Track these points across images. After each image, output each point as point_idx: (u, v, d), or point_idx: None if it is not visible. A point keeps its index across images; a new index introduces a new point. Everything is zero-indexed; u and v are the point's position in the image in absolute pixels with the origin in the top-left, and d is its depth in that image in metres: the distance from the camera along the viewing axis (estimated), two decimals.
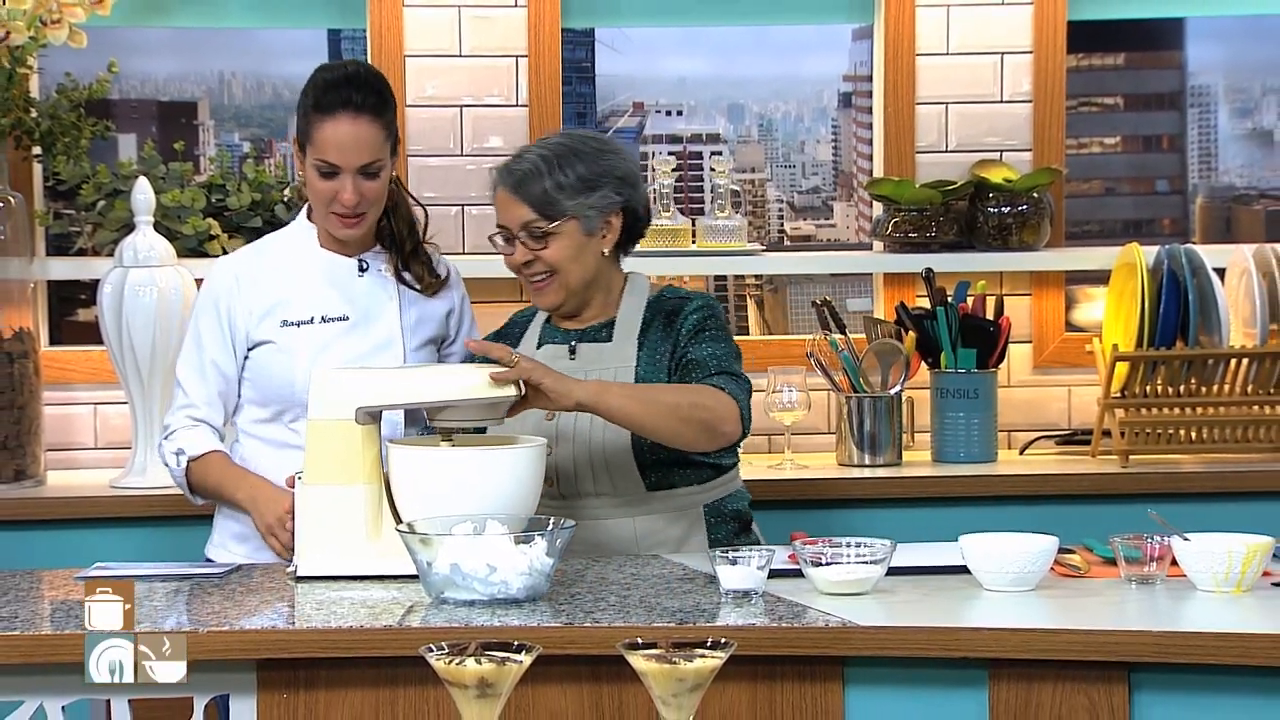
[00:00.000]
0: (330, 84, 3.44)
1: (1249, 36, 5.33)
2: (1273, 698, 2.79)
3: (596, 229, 3.43)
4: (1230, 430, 4.31)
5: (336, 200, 3.42)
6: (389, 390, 3.21)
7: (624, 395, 3.28)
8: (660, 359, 3.45)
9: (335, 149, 3.40)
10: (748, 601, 2.97)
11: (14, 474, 4.21)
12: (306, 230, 3.58)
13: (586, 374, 3.41)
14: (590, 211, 3.41)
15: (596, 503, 3.43)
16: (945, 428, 4.37)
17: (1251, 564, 3.01)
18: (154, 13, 4.49)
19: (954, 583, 3.10)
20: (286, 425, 3.50)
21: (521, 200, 3.40)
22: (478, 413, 3.21)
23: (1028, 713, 2.83)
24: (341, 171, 3.40)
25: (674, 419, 3.29)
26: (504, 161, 3.47)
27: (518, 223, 3.41)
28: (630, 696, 2.80)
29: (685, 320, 3.46)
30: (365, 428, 3.17)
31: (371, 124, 3.42)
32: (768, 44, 5.05)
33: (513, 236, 3.43)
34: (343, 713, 2.85)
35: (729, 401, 3.35)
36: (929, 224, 4.55)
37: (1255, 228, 5.31)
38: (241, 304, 3.50)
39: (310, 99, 3.43)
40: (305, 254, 3.55)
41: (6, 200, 4.23)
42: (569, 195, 3.39)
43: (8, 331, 4.25)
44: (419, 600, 2.99)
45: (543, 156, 3.41)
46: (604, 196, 3.42)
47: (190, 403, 3.51)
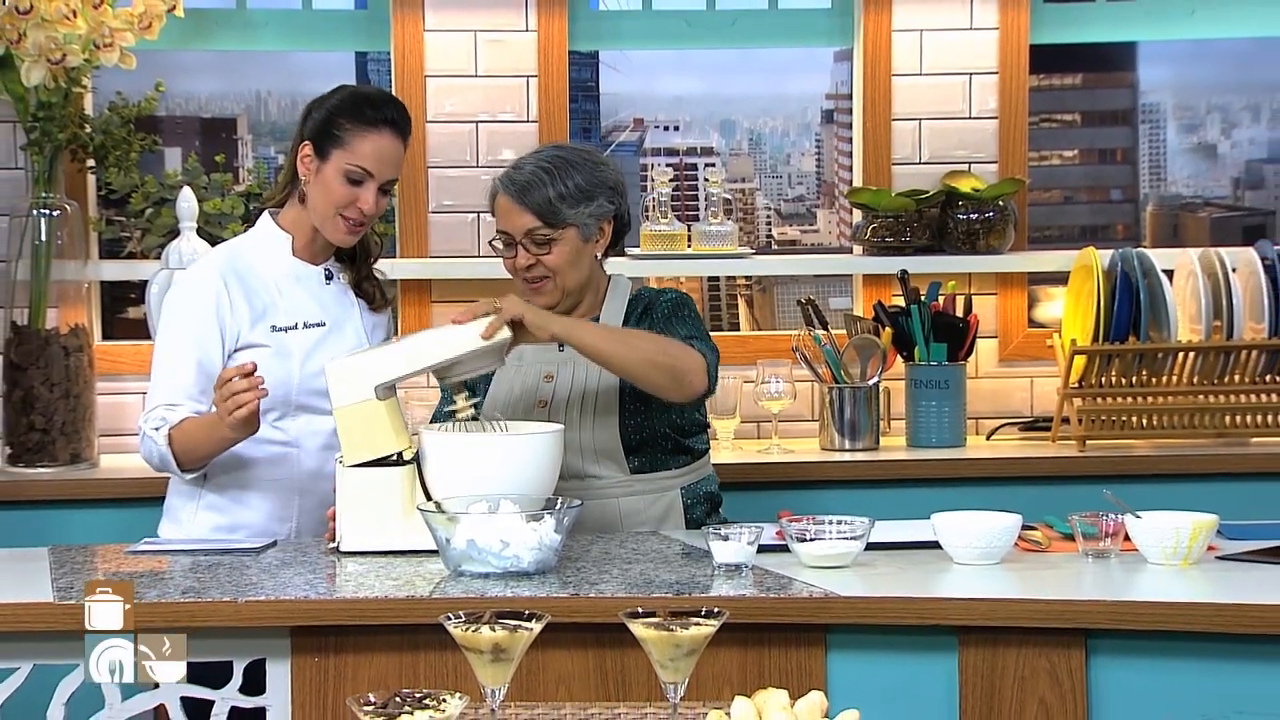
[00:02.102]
0: (375, 100, 3.38)
1: (1195, 59, 5.33)
2: (1216, 660, 2.79)
3: (592, 235, 3.42)
4: (1178, 417, 4.31)
5: (354, 206, 3.34)
6: (399, 362, 3.19)
7: (597, 333, 3.28)
8: None
9: (375, 160, 3.33)
10: (738, 574, 2.97)
11: (70, 457, 4.21)
12: (279, 238, 3.42)
13: (574, 366, 3.41)
14: (588, 219, 3.40)
15: (584, 484, 3.42)
16: (919, 415, 4.36)
17: (1197, 539, 3.01)
18: (197, 37, 4.48)
19: (927, 557, 3.10)
20: (272, 424, 3.34)
21: (525, 208, 3.38)
22: (479, 362, 3.21)
23: (994, 675, 2.83)
24: (370, 181, 3.34)
25: (644, 361, 3.26)
26: (504, 172, 3.44)
27: (521, 229, 3.39)
28: (631, 661, 2.79)
29: (659, 309, 3.46)
30: (386, 401, 3.16)
31: (402, 146, 3.38)
32: (756, 65, 5.04)
33: (514, 242, 3.42)
34: (369, 675, 2.84)
35: (698, 356, 3.32)
36: (904, 229, 4.54)
37: (1200, 233, 5.31)
38: (230, 306, 3.34)
39: (350, 111, 3.34)
40: (280, 261, 3.41)
41: (64, 208, 4.23)
42: (569, 204, 3.38)
43: (65, 327, 4.25)
44: (439, 573, 2.99)
45: (543, 168, 3.39)
46: (599, 205, 3.41)
47: (172, 401, 3.28)
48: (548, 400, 3.43)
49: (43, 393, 4.18)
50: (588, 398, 3.42)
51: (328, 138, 3.34)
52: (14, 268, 4.21)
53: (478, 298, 4.45)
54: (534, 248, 3.39)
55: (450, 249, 4.53)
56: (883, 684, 2.85)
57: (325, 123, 3.35)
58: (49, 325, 4.23)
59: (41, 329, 4.21)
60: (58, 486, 4.10)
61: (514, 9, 4.51)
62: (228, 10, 4.51)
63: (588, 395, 3.42)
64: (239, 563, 3.13)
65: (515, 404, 3.41)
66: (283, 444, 3.37)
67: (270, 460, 3.37)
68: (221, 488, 3.38)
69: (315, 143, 3.36)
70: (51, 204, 4.20)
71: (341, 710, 2.82)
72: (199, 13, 4.41)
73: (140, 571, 3.09)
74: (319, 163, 3.35)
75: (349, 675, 2.85)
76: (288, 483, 3.39)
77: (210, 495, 3.39)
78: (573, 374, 3.44)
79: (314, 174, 3.36)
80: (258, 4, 4.54)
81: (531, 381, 3.47)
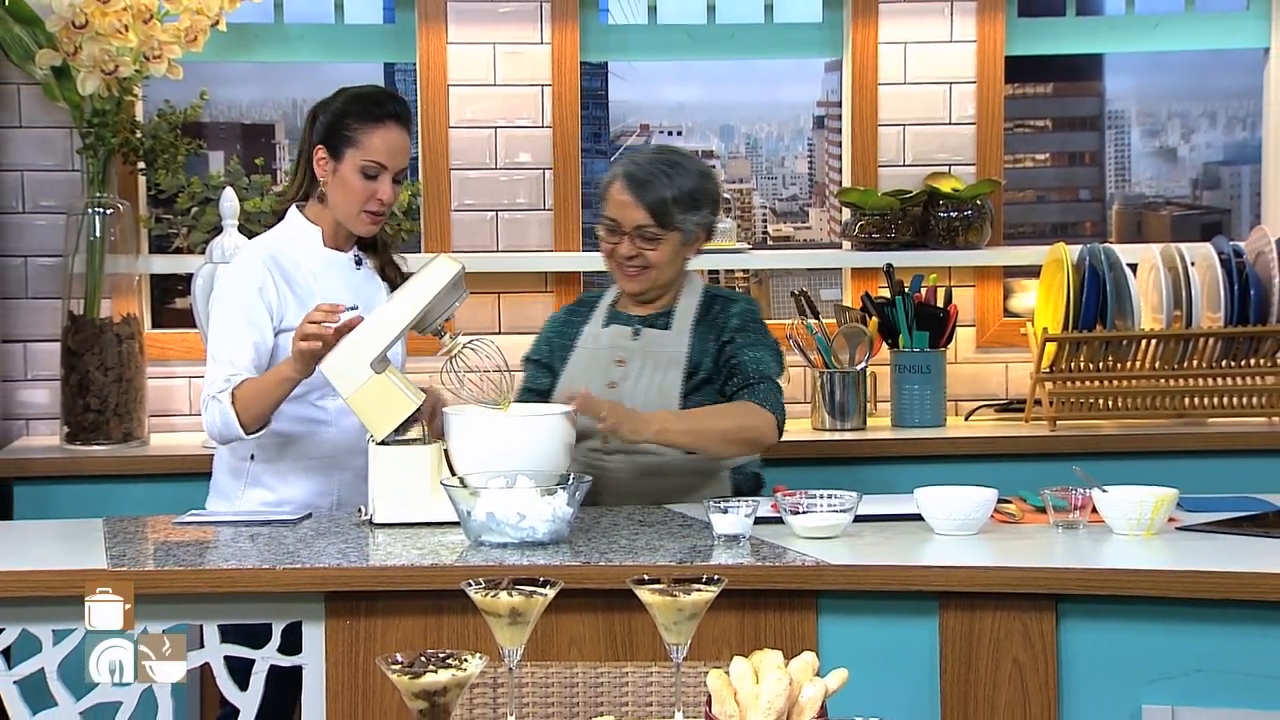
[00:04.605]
0: (375, 98, 3.36)
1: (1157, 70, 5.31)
2: (1176, 623, 2.79)
3: (691, 240, 3.43)
4: (1141, 400, 4.30)
5: (373, 199, 3.32)
6: (379, 334, 3.13)
7: (683, 431, 3.28)
8: (707, 346, 3.44)
9: (386, 152, 3.31)
10: (736, 544, 2.97)
11: (123, 436, 4.20)
12: (310, 230, 3.40)
13: (643, 356, 3.41)
14: (693, 226, 3.41)
15: (645, 459, 3.40)
16: (902, 398, 4.35)
17: (1159, 512, 3.00)
18: (238, 49, 4.47)
19: (910, 528, 3.10)
20: (314, 403, 3.35)
21: (641, 205, 3.37)
22: (445, 302, 3.18)
23: (971, 636, 2.83)
24: (384, 173, 3.32)
25: (724, 443, 3.33)
26: (623, 164, 3.43)
27: (632, 223, 3.38)
28: (638, 624, 2.79)
29: (730, 318, 3.46)
30: (384, 373, 3.14)
31: (407, 136, 3.37)
32: (753, 75, 5.03)
33: (619, 230, 3.40)
34: (397, 637, 2.84)
35: (769, 418, 3.34)
36: (889, 227, 4.53)
37: (1162, 230, 5.29)
38: (276, 291, 3.32)
39: (356, 110, 3.32)
40: (314, 251, 3.39)
41: (116, 207, 4.22)
42: (680, 209, 3.38)
43: (117, 317, 4.25)
44: (461, 543, 2.99)
45: (663, 170, 3.38)
46: (704, 215, 3.43)
47: (233, 374, 3.24)
48: (617, 382, 3.43)
49: (97, 377, 4.18)
50: (653, 382, 3.42)
51: (339, 138, 3.32)
52: (71, 262, 4.21)
53: (497, 291, 4.48)
54: (640, 241, 3.39)
55: (471, 245, 4.52)
56: (870, 645, 2.85)
57: (334, 125, 3.33)
58: (103, 315, 4.23)
59: (96, 318, 4.21)
60: (111, 463, 4.10)
61: (530, 23, 4.50)
62: (266, 25, 4.50)
63: (653, 380, 3.43)
64: (277, 533, 3.13)
65: (589, 383, 3.39)
66: (322, 422, 3.36)
67: (311, 438, 3.37)
68: (268, 464, 3.37)
69: (328, 145, 3.34)
70: (105, 203, 4.20)
71: (371, 669, 2.82)
72: (240, 27, 4.40)
73: (187, 541, 3.10)
74: (334, 163, 3.33)
75: (378, 636, 2.85)
76: (328, 459, 3.38)
77: (257, 473, 3.38)
78: (641, 361, 3.45)
79: (331, 174, 3.34)
80: (294, 19, 4.53)
81: (604, 363, 3.47)
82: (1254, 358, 4.27)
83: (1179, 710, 2.78)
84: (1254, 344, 4.26)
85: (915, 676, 2.85)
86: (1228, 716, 2.76)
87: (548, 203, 4.53)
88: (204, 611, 2.88)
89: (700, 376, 3.43)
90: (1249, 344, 4.26)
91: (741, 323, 3.46)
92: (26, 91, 4.35)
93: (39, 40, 4.13)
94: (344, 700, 2.85)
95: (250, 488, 3.38)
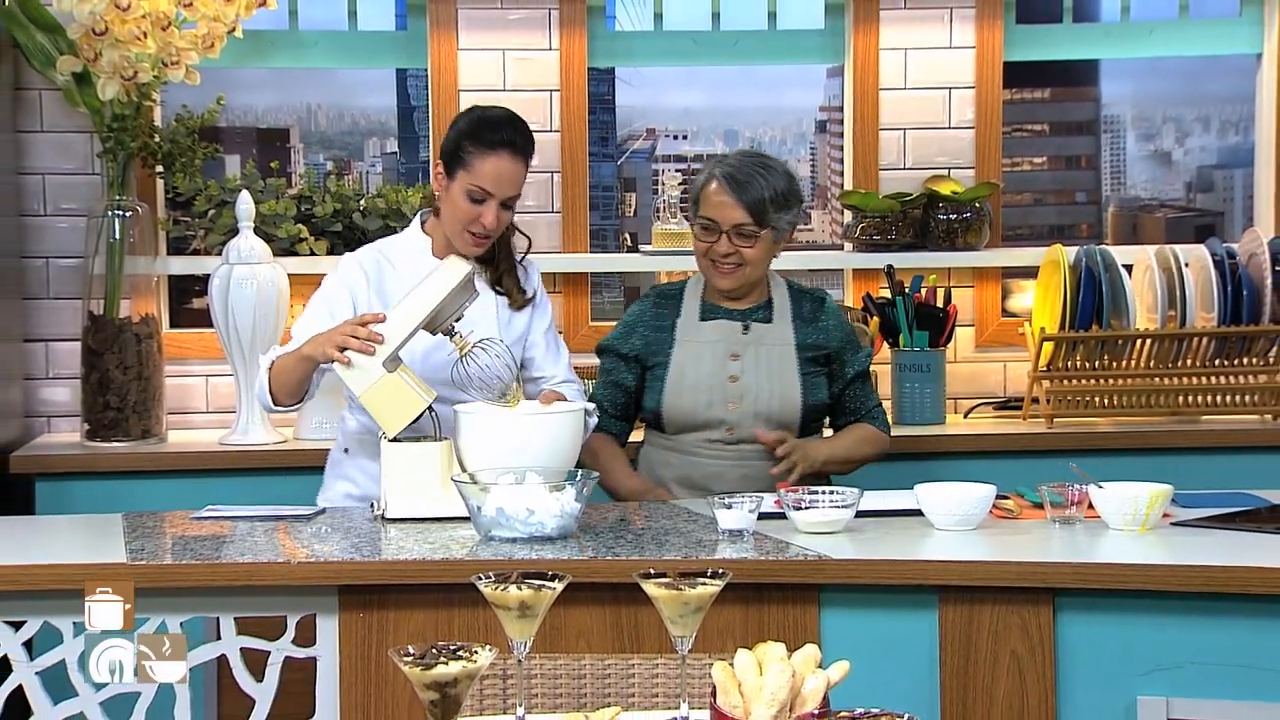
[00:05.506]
0: (495, 123, 3.32)
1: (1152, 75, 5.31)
2: (1170, 616, 2.79)
3: (781, 238, 3.50)
4: (1136, 398, 4.29)
5: (477, 222, 3.29)
6: (391, 334, 3.12)
7: (841, 458, 3.54)
8: (808, 340, 3.54)
9: (493, 180, 3.27)
10: (740, 539, 2.96)
11: (141, 433, 4.20)
12: (423, 240, 3.41)
13: (757, 348, 3.50)
14: (784, 225, 3.49)
15: (753, 450, 3.46)
16: (903, 396, 4.35)
17: (1154, 507, 3.00)
18: (254, 55, 4.47)
19: (910, 523, 3.09)
20: None
21: (740, 204, 3.43)
22: (456, 301, 3.17)
23: (970, 629, 2.82)
24: (490, 200, 3.28)
25: (863, 461, 3.58)
26: (718, 166, 3.48)
27: (730, 222, 3.44)
28: (644, 617, 2.79)
29: (833, 334, 3.58)
30: (397, 371, 3.13)
31: (522, 164, 3.31)
32: (757, 80, 5.03)
33: (718, 229, 3.43)
34: (409, 629, 2.84)
35: (886, 439, 3.63)
36: (890, 228, 4.52)
37: (1157, 232, 5.29)
38: (367, 294, 3.34)
39: (473, 132, 3.29)
40: (422, 260, 3.37)
41: (135, 209, 4.22)
42: (775, 209, 3.44)
43: (136, 317, 4.25)
44: (471, 538, 2.99)
45: (759, 173, 3.44)
46: (794, 215, 3.52)
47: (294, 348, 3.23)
48: (738, 376, 3.50)
49: (116, 375, 4.18)
50: (772, 373, 3.50)
51: (454, 159, 3.30)
52: (91, 263, 4.21)
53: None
54: (738, 239, 3.44)
55: None
56: (871, 638, 2.85)
57: (453, 144, 3.31)
58: (122, 315, 4.23)
59: (115, 318, 4.21)
60: (130, 459, 4.10)
61: (539, 30, 4.50)
62: (282, 31, 4.49)
63: (772, 371, 3.50)
64: (292, 528, 3.13)
65: (706, 378, 3.49)
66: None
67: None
68: (356, 459, 3.42)
69: (445, 162, 3.33)
70: (124, 206, 4.20)
71: (384, 661, 2.82)
72: (256, 34, 4.39)
73: (204, 535, 3.09)
74: (447, 181, 3.32)
75: (390, 629, 2.85)
76: None
77: (347, 466, 3.44)
78: (755, 354, 3.51)
79: (444, 191, 3.33)
80: (309, 25, 4.53)
81: (719, 357, 3.51)
82: (1246, 357, 4.27)
83: (1173, 701, 2.77)
84: (1246, 343, 4.26)
85: (915, 668, 2.84)
86: (1220, 707, 2.76)
87: (556, 205, 4.53)
88: (221, 604, 2.87)
89: (811, 369, 3.52)
90: (1241, 343, 4.26)
91: (844, 337, 3.59)
92: (48, 97, 4.35)
93: (60, 47, 4.13)
94: (357, 691, 2.85)
95: (338, 480, 3.45)
